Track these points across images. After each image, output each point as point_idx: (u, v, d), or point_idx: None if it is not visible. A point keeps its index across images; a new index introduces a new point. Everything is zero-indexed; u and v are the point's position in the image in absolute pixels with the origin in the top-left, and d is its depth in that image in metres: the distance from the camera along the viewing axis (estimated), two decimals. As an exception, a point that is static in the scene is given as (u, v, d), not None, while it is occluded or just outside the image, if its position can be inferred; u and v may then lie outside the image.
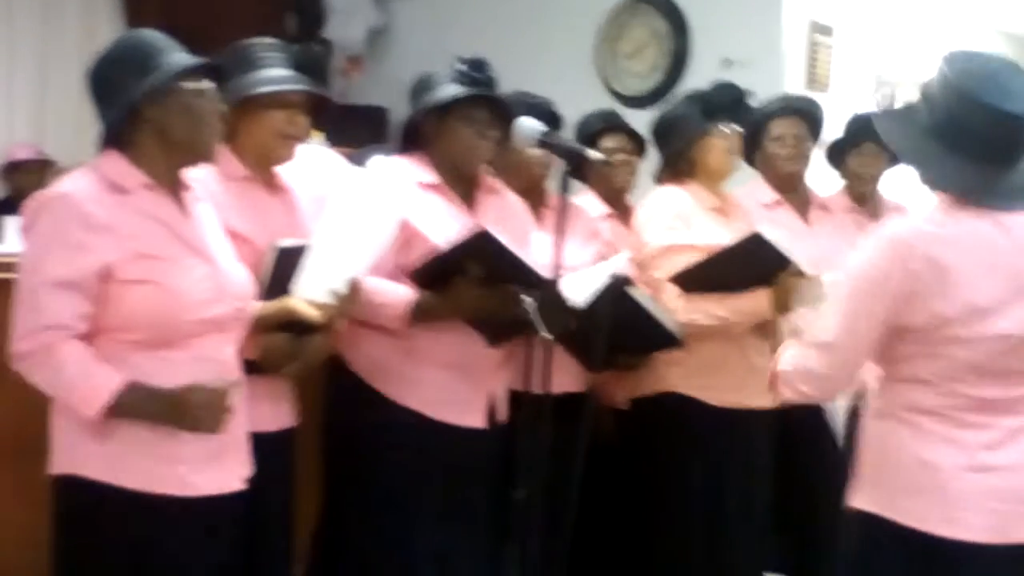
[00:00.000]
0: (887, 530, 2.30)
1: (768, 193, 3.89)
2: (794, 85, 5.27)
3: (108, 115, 2.34)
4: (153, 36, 2.38)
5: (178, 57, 2.33)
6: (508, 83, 3.39)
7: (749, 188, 3.87)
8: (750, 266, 3.28)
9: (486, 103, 2.99)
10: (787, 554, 3.80)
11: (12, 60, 6.20)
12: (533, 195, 3.38)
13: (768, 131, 3.81)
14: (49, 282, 2.23)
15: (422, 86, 3.05)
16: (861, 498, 2.38)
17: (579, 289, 3.02)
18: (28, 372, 2.27)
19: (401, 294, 2.86)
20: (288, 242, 2.65)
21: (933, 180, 2.31)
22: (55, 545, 2.37)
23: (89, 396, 2.23)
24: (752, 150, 3.84)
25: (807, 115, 3.93)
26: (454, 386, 2.95)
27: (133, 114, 2.31)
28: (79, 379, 2.23)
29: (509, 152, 3.25)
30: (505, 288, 2.80)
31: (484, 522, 3.01)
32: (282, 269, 2.62)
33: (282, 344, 2.61)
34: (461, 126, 2.97)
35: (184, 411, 2.24)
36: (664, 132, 3.61)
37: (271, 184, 2.82)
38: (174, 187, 2.39)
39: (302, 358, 2.64)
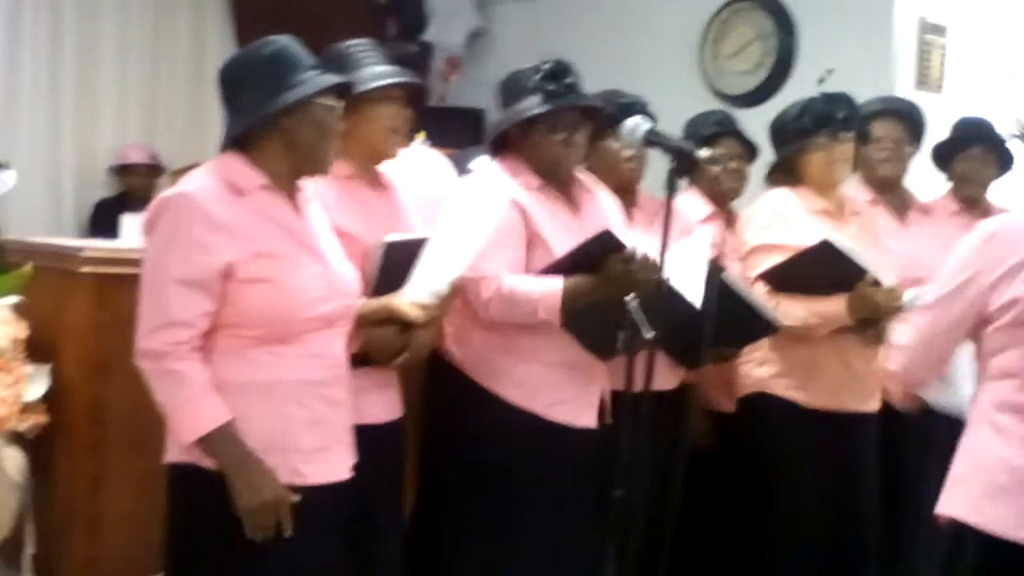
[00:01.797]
0: (972, 537, 2.24)
1: (864, 193, 3.83)
2: (904, 86, 5.17)
3: (238, 119, 2.39)
4: (290, 47, 2.42)
5: (317, 76, 2.39)
6: (608, 84, 3.38)
7: (847, 188, 3.82)
8: (826, 272, 3.27)
9: (569, 110, 2.98)
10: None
11: (125, 65, 6.36)
12: (624, 194, 3.37)
13: (868, 133, 3.76)
14: (173, 280, 2.28)
15: (508, 90, 3.04)
16: (948, 504, 2.33)
17: (684, 284, 3.00)
18: (148, 374, 2.32)
19: (550, 284, 2.85)
20: (395, 237, 2.70)
21: None
22: (169, 531, 2.42)
23: (192, 422, 2.29)
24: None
25: (908, 118, 3.87)
26: (566, 386, 2.95)
27: (265, 121, 2.36)
28: (189, 402, 2.29)
29: (601, 151, 3.25)
30: (649, 261, 2.78)
31: (590, 522, 2.99)
32: (390, 264, 2.66)
33: (390, 337, 2.64)
34: (547, 138, 2.97)
35: (248, 483, 2.28)
36: (774, 137, 3.60)
37: (376, 183, 2.86)
38: (290, 189, 2.45)
39: (410, 350, 2.68)
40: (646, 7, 5.98)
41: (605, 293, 2.80)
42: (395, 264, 2.66)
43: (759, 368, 3.45)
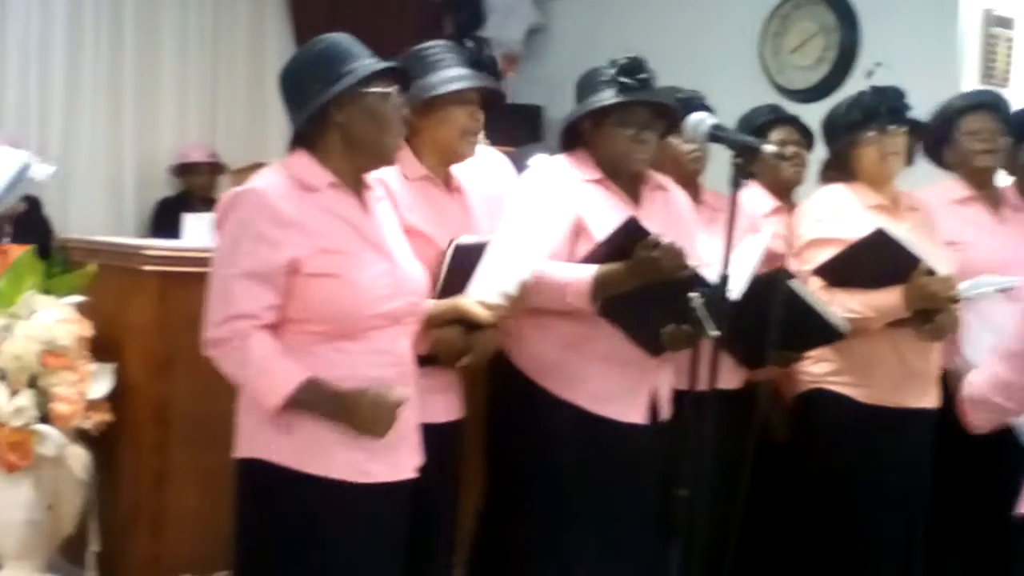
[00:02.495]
0: None
1: (960, 189, 3.77)
2: (969, 79, 5.09)
3: (298, 117, 2.42)
4: (343, 41, 2.44)
5: (365, 62, 2.40)
6: (669, 79, 3.35)
7: (942, 186, 3.77)
8: (881, 263, 3.25)
9: (643, 103, 2.98)
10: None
11: (185, 65, 6.43)
12: (688, 190, 3.35)
13: (959, 127, 3.70)
14: (240, 273, 2.32)
15: (584, 85, 3.05)
16: None
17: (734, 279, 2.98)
18: (218, 360, 2.36)
19: (582, 270, 2.85)
20: (466, 239, 2.72)
21: None
22: (237, 525, 2.44)
23: (271, 388, 2.31)
24: (938, 148, 3.75)
25: (997, 109, 3.81)
26: (616, 381, 2.94)
27: (321, 116, 2.39)
28: (264, 371, 2.31)
29: (663, 147, 3.23)
30: (675, 249, 2.78)
31: (647, 520, 2.99)
32: (459, 266, 2.69)
33: (455, 338, 2.66)
34: (617, 131, 2.97)
35: (356, 413, 2.32)
36: (826, 133, 3.58)
37: (448, 183, 2.89)
38: (357, 187, 2.47)
39: (473, 351, 2.69)
40: (707, 2, 5.93)
41: (634, 280, 2.80)
42: (462, 266, 2.69)
43: (816, 365, 3.42)
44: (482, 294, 2.64)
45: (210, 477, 3.19)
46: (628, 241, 2.80)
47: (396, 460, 2.43)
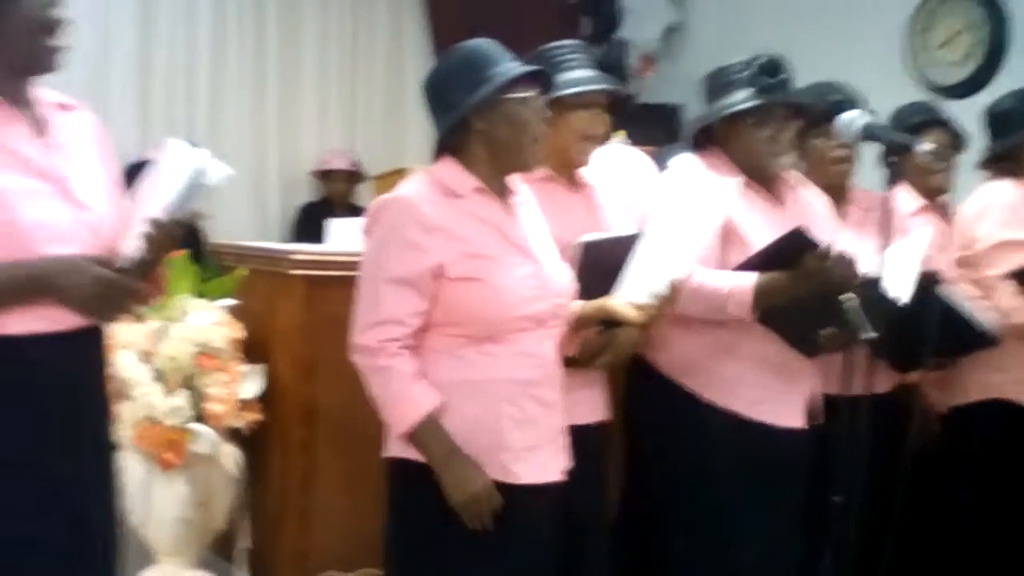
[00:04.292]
0: None
1: None
2: None
3: (441, 125, 2.45)
4: (484, 47, 2.46)
5: (504, 68, 2.41)
6: (812, 77, 3.28)
7: None
8: None
9: (779, 105, 2.91)
10: None
11: (325, 74, 6.56)
12: (836, 192, 3.28)
13: None
14: (387, 279, 2.35)
15: (715, 84, 2.98)
16: None
17: (894, 282, 2.90)
18: (362, 370, 2.40)
19: (742, 279, 2.80)
20: (592, 237, 2.69)
21: None
22: (388, 525, 2.47)
23: (399, 417, 2.35)
24: None
25: None
26: (771, 385, 2.88)
27: (463, 124, 2.41)
28: (396, 398, 2.35)
29: (809, 149, 3.16)
30: (847, 259, 2.71)
31: (800, 526, 2.92)
32: (591, 264, 2.65)
33: (591, 338, 2.64)
34: (754, 132, 2.90)
35: (459, 488, 2.32)
36: (993, 126, 3.46)
37: (573, 183, 2.86)
38: (502, 191, 2.48)
39: (611, 350, 2.67)
40: (849, -4, 5.81)
41: (801, 291, 2.73)
42: (596, 264, 2.65)
43: (993, 373, 3.29)
44: (632, 294, 2.60)
45: (355, 476, 3.25)
46: (792, 250, 2.74)
47: (541, 462, 2.43)
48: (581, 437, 2.61)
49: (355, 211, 5.15)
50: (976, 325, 3.13)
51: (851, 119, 2.69)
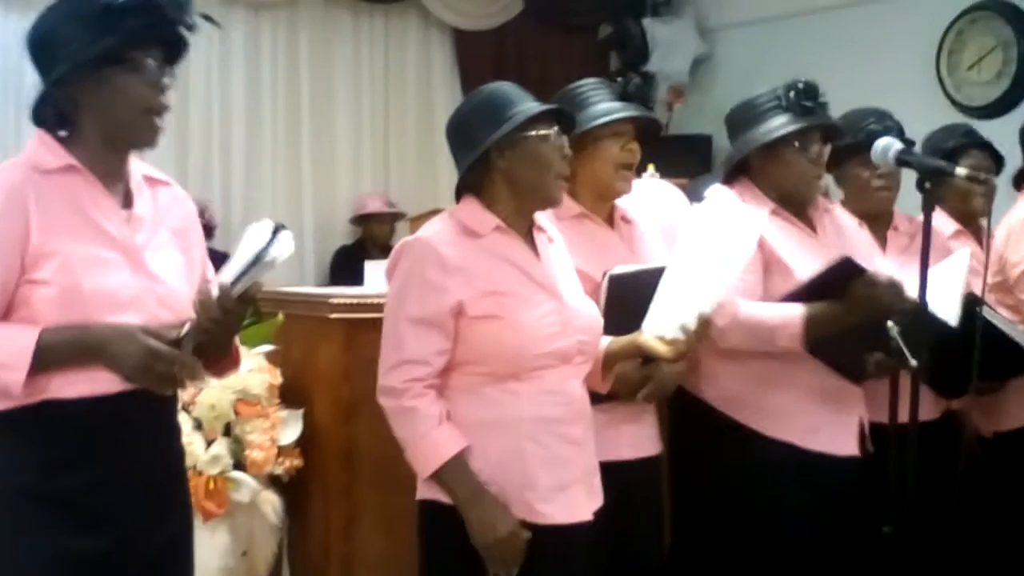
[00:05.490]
0: None
1: None
2: None
3: (463, 164, 2.47)
4: (504, 88, 2.48)
5: (525, 107, 2.42)
6: (843, 105, 3.26)
7: None
8: None
9: (818, 128, 2.91)
10: None
11: (359, 120, 6.66)
12: (878, 219, 3.25)
13: None
14: (409, 320, 2.37)
15: (745, 115, 2.97)
16: None
17: (940, 306, 2.86)
18: (387, 412, 2.40)
19: (789, 310, 2.78)
20: (620, 270, 2.69)
21: None
22: (422, 567, 2.47)
23: (424, 460, 2.36)
24: None
25: None
26: (824, 414, 2.85)
27: (484, 163, 2.43)
28: (421, 440, 2.35)
29: (848, 178, 3.14)
30: (896, 284, 2.70)
31: (856, 557, 2.86)
32: (618, 297, 2.64)
33: (630, 371, 2.62)
34: (794, 157, 2.90)
35: (485, 531, 2.31)
36: None
37: (608, 218, 2.86)
38: (526, 229, 2.49)
39: (653, 384, 2.65)
40: (877, 23, 5.80)
41: (852, 319, 2.71)
42: (624, 297, 2.64)
43: None
44: (659, 328, 2.57)
45: (396, 518, 3.21)
46: (840, 278, 2.72)
47: (570, 501, 2.40)
48: (626, 473, 2.59)
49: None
50: (1021, 346, 3.08)
51: (885, 146, 2.66)
